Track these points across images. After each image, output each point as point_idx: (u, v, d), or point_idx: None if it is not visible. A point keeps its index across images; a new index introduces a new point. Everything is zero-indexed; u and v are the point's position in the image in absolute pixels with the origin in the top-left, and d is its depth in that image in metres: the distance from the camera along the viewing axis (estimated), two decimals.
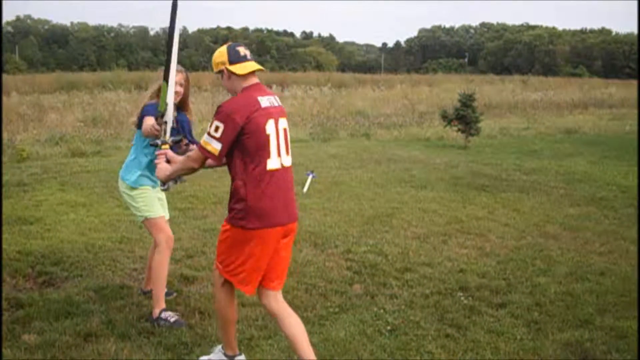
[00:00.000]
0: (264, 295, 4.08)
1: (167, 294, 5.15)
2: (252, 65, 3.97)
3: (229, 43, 4.07)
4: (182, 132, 4.84)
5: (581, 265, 6.73)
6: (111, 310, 5.09)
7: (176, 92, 4.79)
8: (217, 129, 3.78)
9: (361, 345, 4.70)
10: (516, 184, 11.32)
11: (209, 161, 3.98)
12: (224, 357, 4.22)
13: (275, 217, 3.91)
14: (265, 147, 3.86)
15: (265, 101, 3.93)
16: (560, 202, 9.89)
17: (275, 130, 3.93)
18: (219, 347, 4.29)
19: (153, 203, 5.06)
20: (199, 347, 4.55)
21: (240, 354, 4.23)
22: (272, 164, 3.89)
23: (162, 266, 5.00)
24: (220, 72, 4.01)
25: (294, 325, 4.00)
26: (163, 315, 4.89)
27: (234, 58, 3.95)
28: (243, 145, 3.84)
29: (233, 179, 3.96)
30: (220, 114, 3.82)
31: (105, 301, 5.37)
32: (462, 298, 5.75)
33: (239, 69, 3.94)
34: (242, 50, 3.99)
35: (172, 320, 4.86)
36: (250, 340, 4.69)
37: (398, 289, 5.93)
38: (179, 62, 4.59)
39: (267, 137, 3.87)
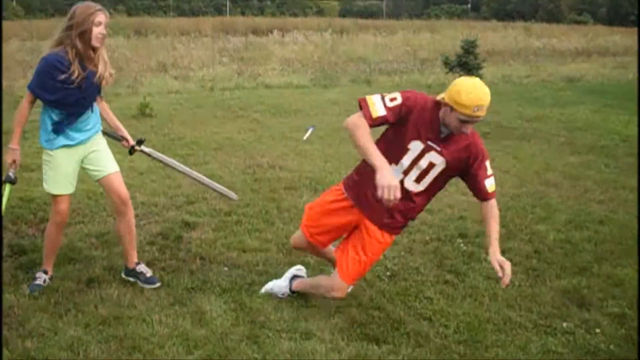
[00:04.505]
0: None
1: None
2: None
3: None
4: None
5: (580, 213, 6.76)
6: (113, 256, 5.13)
7: (102, 35, 4.27)
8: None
9: (361, 290, 4.75)
10: (517, 131, 11.30)
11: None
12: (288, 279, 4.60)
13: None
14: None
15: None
16: (561, 150, 9.88)
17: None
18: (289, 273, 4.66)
19: (58, 179, 4.46)
20: (202, 291, 4.60)
21: None
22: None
23: (49, 234, 4.65)
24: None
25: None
26: (38, 274, 4.65)
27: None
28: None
29: None
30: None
31: (107, 247, 5.41)
32: (462, 245, 5.79)
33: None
34: None
35: (35, 282, 4.57)
36: (251, 285, 4.74)
37: (398, 235, 5.96)
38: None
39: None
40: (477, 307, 4.57)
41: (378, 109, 3.76)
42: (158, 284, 4.68)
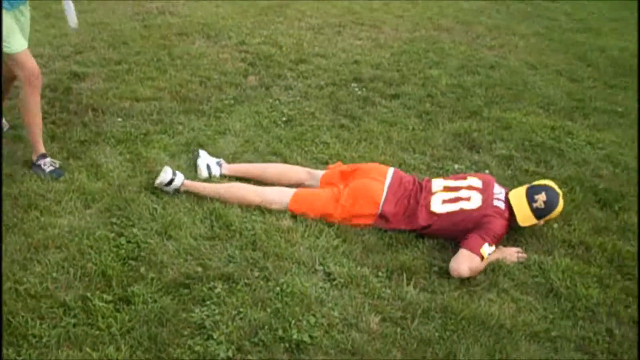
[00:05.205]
0: None
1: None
2: None
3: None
4: None
5: (472, 58, 6.90)
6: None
7: None
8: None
9: (257, 136, 4.76)
10: None
11: None
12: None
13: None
14: None
15: None
16: None
17: None
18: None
19: (14, 33, 3.93)
20: (95, 144, 4.48)
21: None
22: None
23: (29, 105, 4.08)
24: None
25: None
26: (40, 162, 4.15)
27: None
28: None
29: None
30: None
31: None
32: (357, 89, 5.84)
33: None
34: None
35: (47, 169, 4.09)
36: (146, 135, 4.66)
37: (293, 80, 5.96)
38: None
39: None
40: (372, 150, 4.67)
41: (489, 251, 3.50)
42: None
